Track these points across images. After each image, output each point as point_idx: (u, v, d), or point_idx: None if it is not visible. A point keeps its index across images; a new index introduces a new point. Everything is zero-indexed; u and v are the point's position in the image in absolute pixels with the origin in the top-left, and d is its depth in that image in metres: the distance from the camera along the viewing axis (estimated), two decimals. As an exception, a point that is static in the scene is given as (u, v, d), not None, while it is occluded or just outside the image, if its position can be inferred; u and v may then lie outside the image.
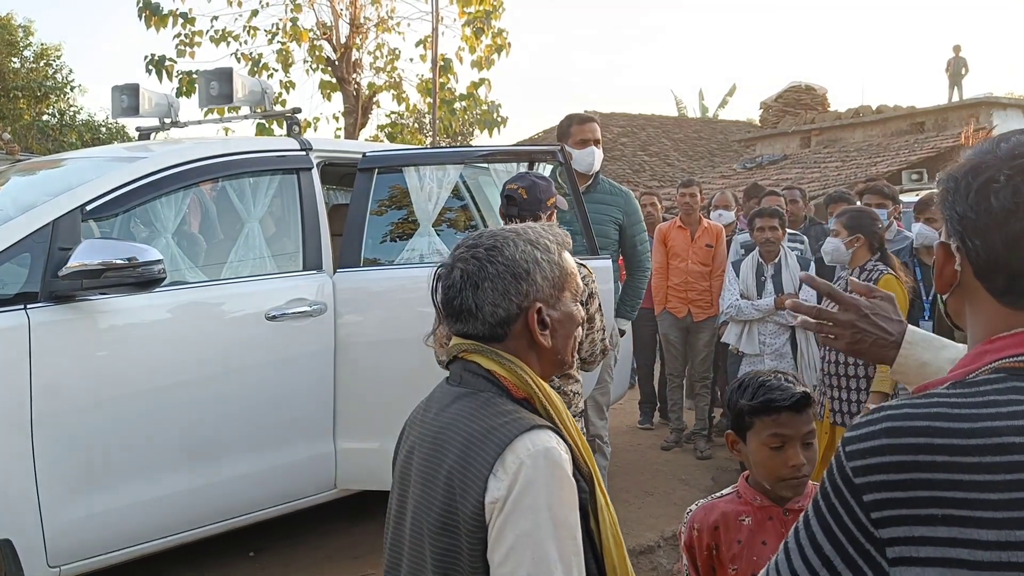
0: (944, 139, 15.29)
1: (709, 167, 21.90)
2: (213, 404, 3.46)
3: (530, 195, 3.05)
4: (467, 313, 1.58)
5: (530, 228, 1.66)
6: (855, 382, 4.04)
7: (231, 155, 3.72)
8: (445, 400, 1.59)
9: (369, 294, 3.92)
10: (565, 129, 4.40)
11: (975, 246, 1.07)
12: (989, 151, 1.09)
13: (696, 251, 6.17)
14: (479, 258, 1.58)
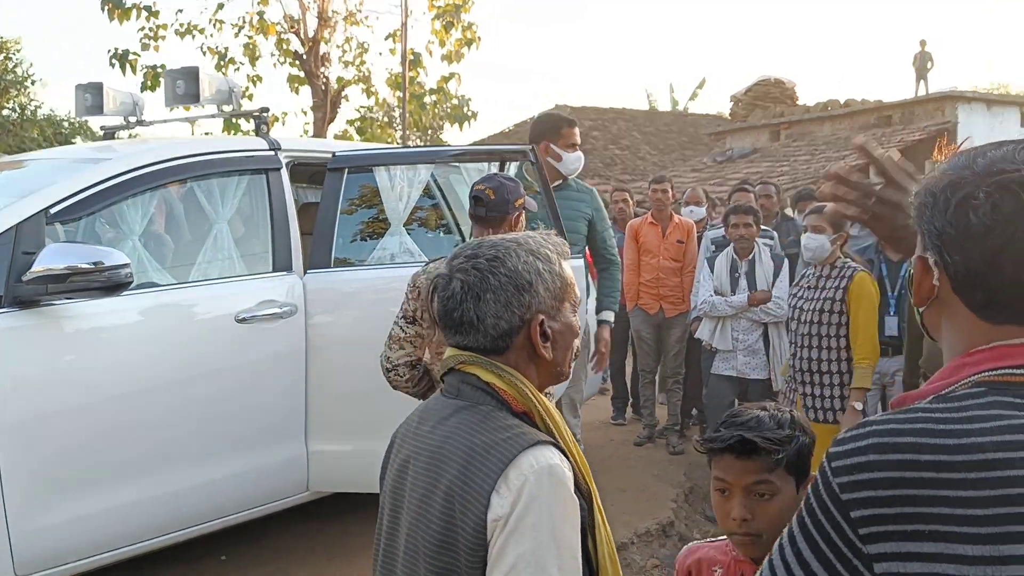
0: (911, 132, 15.49)
1: (680, 160, 22.01)
2: (182, 408, 3.43)
3: (497, 196, 3.05)
4: (468, 325, 1.56)
5: (530, 238, 1.63)
6: (829, 378, 4.08)
7: (198, 156, 3.68)
8: (442, 413, 1.57)
9: (340, 295, 3.90)
10: (555, 129, 4.39)
11: (953, 261, 1.09)
12: (966, 166, 1.10)
13: (667, 247, 6.20)
14: (480, 269, 1.55)
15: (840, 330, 4.07)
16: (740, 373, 5.16)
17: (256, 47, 14.59)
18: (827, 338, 4.07)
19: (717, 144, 21.04)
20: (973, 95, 16.32)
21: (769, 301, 5.07)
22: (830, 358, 4.07)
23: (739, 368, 5.17)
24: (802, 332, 4.12)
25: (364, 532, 4.37)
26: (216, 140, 4.05)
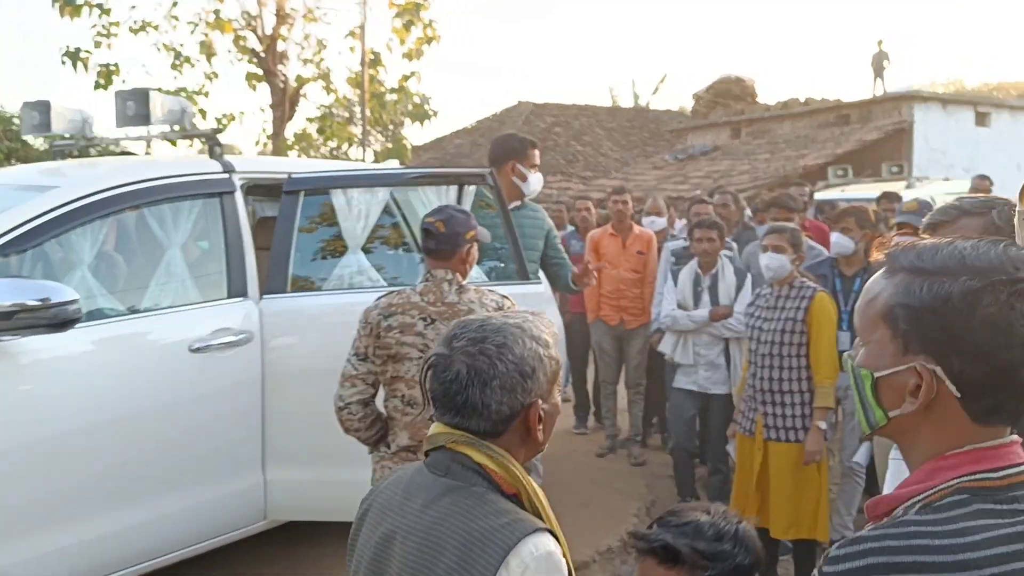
0: (868, 132, 15.71)
1: (642, 156, 22.12)
2: (135, 442, 3.36)
3: (447, 229, 2.99)
4: (471, 409, 1.57)
5: (530, 322, 1.65)
6: (791, 397, 4.10)
7: (150, 181, 3.60)
8: (433, 491, 1.57)
9: (297, 321, 3.85)
10: (521, 151, 4.38)
11: (970, 369, 1.08)
12: (961, 269, 1.10)
13: (628, 258, 6.21)
14: (489, 355, 1.56)
15: (801, 350, 4.09)
16: (701, 388, 5.18)
17: (212, 44, 14.38)
18: (788, 358, 4.09)
19: (679, 141, 21.18)
20: (929, 95, 16.60)
21: (730, 316, 5.09)
22: (791, 378, 4.09)
23: (700, 383, 5.18)
24: (762, 352, 4.13)
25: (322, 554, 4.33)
26: (168, 163, 3.95)
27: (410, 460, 2.98)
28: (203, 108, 14.72)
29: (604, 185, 19.18)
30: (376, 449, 3.12)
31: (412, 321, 2.94)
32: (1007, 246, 1.12)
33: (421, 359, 2.90)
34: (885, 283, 1.18)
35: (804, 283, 4.19)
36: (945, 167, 15.61)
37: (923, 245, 1.16)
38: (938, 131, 15.90)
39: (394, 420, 3.04)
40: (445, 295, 2.96)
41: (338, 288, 3.94)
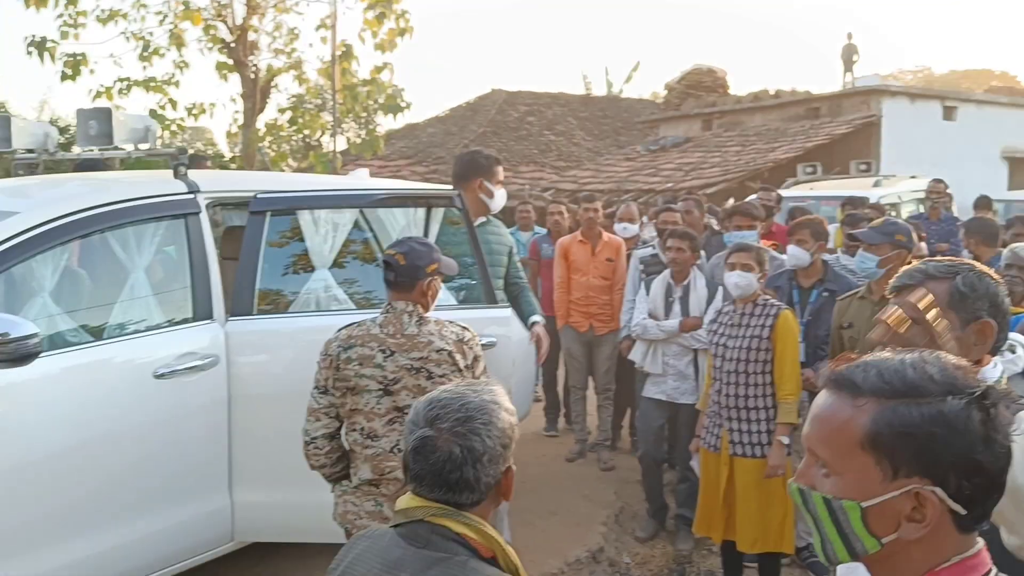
0: (838, 126, 15.80)
1: (615, 147, 22.11)
2: (99, 471, 3.33)
3: (407, 261, 2.97)
4: (463, 485, 1.66)
5: (496, 393, 1.76)
6: (756, 413, 4.13)
7: (113, 204, 3.54)
8: (416, 565, 1.61)
9: (263, 343, 3.82)
10: (487, 168, 4.38)
11: (971, 485, 1.10)
12: (936, 391, 1.12)
13: (597, 265, 6.22)
14: (479, 434, 1.67)
15: (766, 367, 4.13)
16: (670, 397, 5.19)
17: (182, 34, 14.14)
18: (754, 375, 4.13)
19: (651, 132, 21.18)
20: (897, 89, 16.71)
21: (701, 327, 5.11)
22: (756, 394, 4.13)
23: (669, 392, 5.19)
24: (728, 369, 4.16)
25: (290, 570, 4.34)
26: (132, 182, 3.89)
27: (372, 494, 2.98)
28: (173, 98, 14.52)
29: (577, 176, 19.18)
30: (339, 483, 3.10)
31: (371, 353, 2.93)
32: (937, 357, 1.16)
33: (380, 391, 2.91)
34: (852, 409, 1.15)
35: (768, 300, 4.23)
36: (913, 160, 15.74)
37: (879, 365, 1.16)
38: (906, 125, 16.02)
39: (355, 453, 3.02)
40: (405, 327, 2.96)
41: (305, 309, 3.92)
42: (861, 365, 1.18)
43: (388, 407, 2.94)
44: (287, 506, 3.84)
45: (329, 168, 13.45)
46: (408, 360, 2.92)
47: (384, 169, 19.79)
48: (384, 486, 2.97)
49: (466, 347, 2.99)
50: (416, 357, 2.92)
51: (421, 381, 2.91)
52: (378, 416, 2.94)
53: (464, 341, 3.00)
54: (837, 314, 4.23)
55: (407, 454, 1.70)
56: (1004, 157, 17.39)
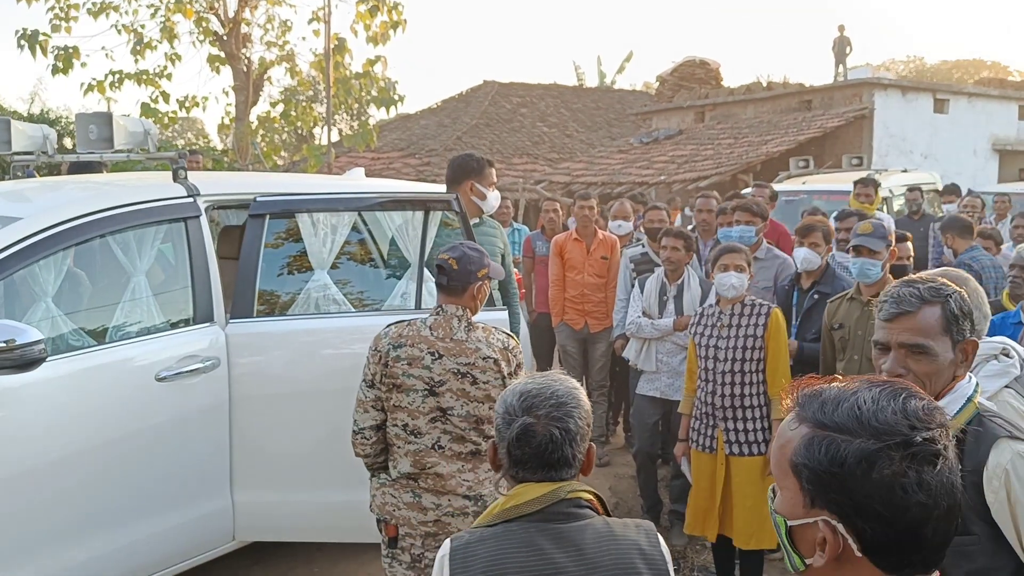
0: (830, 119, 15.87)
1: (608, 139, 22.15)
2: (103, 474, 3.37)
3: (460, 266, 3.06)
4: (564, 463, 1.88)
5: (569, 379, 1.99)
6: (752, 412, 4.17)
7: (114, 209, 3.57)
8: (586, 537, 1.82)
9: (263, 345, 3.86)
10: (478, 170, 4.40)
11: (872, 529, 1.11)
12: (858, 430, 1.12)
13: (592, 263, 6.27)
14: (574, 416, 1.90)
15: (760, 365, 4.17)
16: (664, 395, 5.23)
17: (173, 27, 14.11)
18: (749, 374, 4.17)
19: (643, 124, 21.22)
20: (889, 82, 16.78)
21: (694, 326, 5.16)
22: (752, 392, 4.17)
23: (663, 390, 5.23)
24: (722, 370, 4.19)
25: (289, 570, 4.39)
26: (133, 186, 3.91)
27: (410, 487, 3.07)
28: (165, 91, 14.50)
29: (570, 168, 19.21)
30: (377, 475, 3.19)
31: (420, 355, 3.02)
32: (907, 398, 1.15)
33: (426, 391, 2.99)
34: (793, 433, 1.20)
35: (755, 300, 4.29)
36: (904, 153, 15.85)
37: (828, 395, 1.18)
38: (898, 117, 16.11)
39: (395, 447, 3.11)
40: (454, 331, 3.04)
41: (304, 311, 3.96)
42: (818, 391, 1.20)
43: (432, 406, 3.02)
44: (287, 506, 3.89)
45: (322, 161, 13.44)
46: (455, 364, 3.00)
47: (377, 161, 19.78)
48: (423, 480, 3.06)
49: (511, 355, 3.08)
50: (463, 362, 3.01)
51: (466, 385, 3.01)
52: (422, 414, 3.03)
53: (509, 349, 3.09)
54: (827, 315, 4.28)
55: (510, 442, 1.88)
56: (994, 149, 17.50)
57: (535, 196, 16.18)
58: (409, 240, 4.09)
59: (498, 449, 1.96)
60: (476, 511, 3.05)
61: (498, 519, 1.86)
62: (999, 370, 2.50)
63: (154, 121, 14.38)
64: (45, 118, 18.32)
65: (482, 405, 3.01)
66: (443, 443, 3.03)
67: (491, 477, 3.09)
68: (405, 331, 3.06)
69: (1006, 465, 1.77)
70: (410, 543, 3.09)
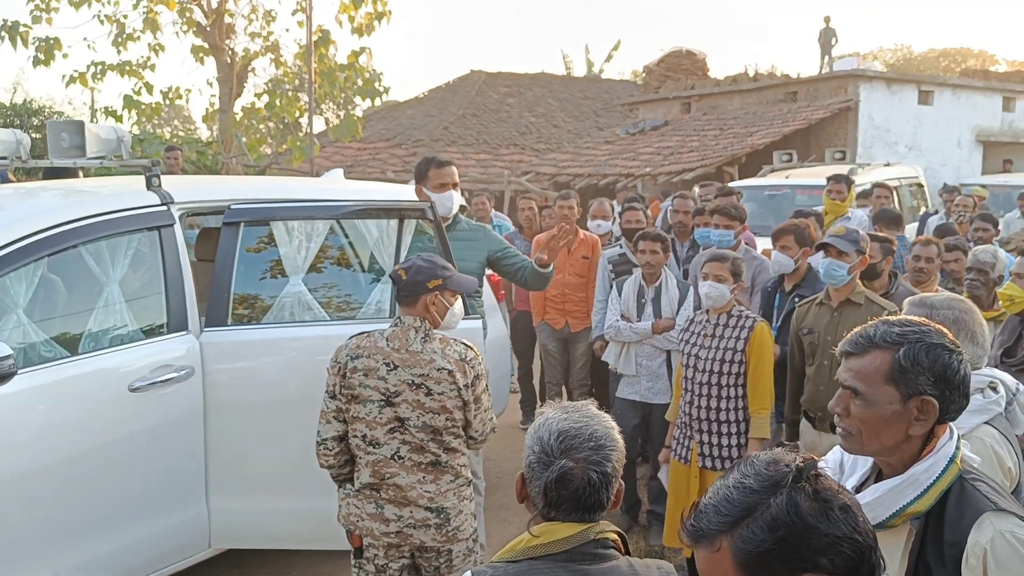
0: (815, 110, 15.88)
1: (595, 128, 22.13)
2: (77, 485, 3.37)
3: (408, 277, 3.10)
4: (597, 506, 1.86)
5: (604, 416, 1.94)
6: (727, 427, 4.13)
7: (87, 219, 3.56)
8: None
9: (238, 354, 3.86)
10: (423, 172, 4.35)
11: (839, 557, 1.22)
12: (764, 484, 1.25)
13: (573, 263, 6.27)
14: (610, 459, 1.86)
15: (739, 379, 4.14)
16: (643, 397, 5.22)
17: (156, 18, 14.00)
18: (727, 387, 4.14)
19: (630, 114, 21.20)
20: (874, 74, 16.78)
21: (672, 329, 5.16)
22: (728, 407, 4.15)
23: (642, 393, 5.23)
24: (700, 381, 4.17)
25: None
26: (106, 195, 3.88)
27: (373, 498, 3.09)
28: (148, 82, 14.41)
29: (557, 159, 19.18)
30: (342, 486, 3.21)
31: (376, 365, 3.04)
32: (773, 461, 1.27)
33: (382, 402, 3.01)
34: (717, 556, 1.27)
35: (743, 312, 4.23)
36: (889, 144, 15.89)
37: (715, 500, 1.28)
38: (882, 109, 16.14)
39: (356, 457, 3.13)
40: (410, 343, 3.06)
41: (279, 319, 3.95)
42: (700, 508, 1.28)
43: (389, 417, 3.04)
44: (263, 513, 3.90)
45: (307, 154, 13.39)
46: (410, 375, 3.02)
47: (363, 152, 19.72)
48: (384, 491, 3.07)
49: (467, 366, 3.09)
50: (417, 373, 3.02)
51: (420, 396, 3.02)
52: (380, 425, 3.05)
53: (466, 360, 3.09)
54: (796, 319, 4.26)
55: (548, 484, 1.83)
56: (978, 141, 17.56)
57: (521, 188, 16.17)
58: (384, 248, 4.09)
59: (527, 485, 1.92)
60: (438, 523, 3.07)
61: (522, 556, 1.84)
62: (980, 406, 2.44)
63: (138, 113, 14.37)
64: (27, 108, 18.19)
65: (438, 416, 3.03)
66: (402, 453, 3.05)
67: (453, 488, 3.11)
68: (363, 343, 3.09)
69: (985, 545, 1.69)
70: (373, 554, 3.11)
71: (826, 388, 3.99)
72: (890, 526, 1.80)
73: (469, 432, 3.17)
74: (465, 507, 3.16)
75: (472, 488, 3.28)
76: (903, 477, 1.80)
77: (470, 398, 3.08)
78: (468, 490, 3.20)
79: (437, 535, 3.08)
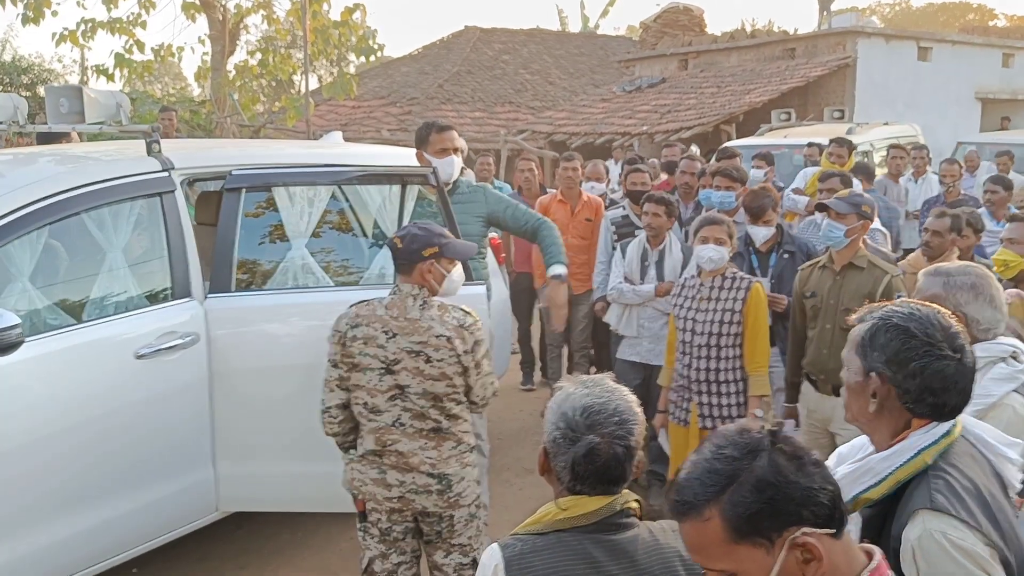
0: (813, 68, 15.76)
1: (591, 86, 21.95)
2: (86, 451, 3.39)
3: (404, 245, 3.10)
4: (621, 478, 1.89)
5: (623, 389, 1.97)
6: (727, 386, 4.18)
7: (88, 186, 3.53)
8: (639, 547, 1.87)
9: (242, 320, 3.86)
10: (424, 137, 4.32)
11: (819, 510, 1.35)
12: (742, 450, 1.36)
13: (576, 225, 6.25)
14: (633, 433, 1.90)
15: (737, 340, 4.19)
16: (644, 359, 5.26)
17: (146, -25, 13.77)
18: (726, 348, 4.18)
19: (627, 71, 21.03)
20: (873, 30, 16.62)
21: (675, 292, 5.17)
22: (727, 367, 4.20)
23: (643, 355, 5.27)
24: (698, 343, 4.21)
25: (273, 536, 4.45)
26: (107, 161, 3.85)
27: (376, 463, 3.12)
28: (139, 39, 14.22)
29: (553, 117, 19.06)
30: (347, 452, 3.25)
31: (375, 334, 3.05)
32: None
33: (382, 370, 3.03)
34: (705, 524, 1.35)
35: (737, 273, 4.27)
36: (887, 102, 15.79)
37: (697, 472, 1.37)
38: (881, 66, 16.01)
39: (360, 424, 3.17)
40: (408, 310, 3.07)
41: (283, 285, 3.95)
42: (682, 482, 1.37)
43: (390, 384, 3.06)
44: (268, 477, 3.93)
45: (302, 113, 13.28)
46: (408, 343, 3.04)
47: (357, 110, 19.56)
48: (386, 457, 3.10)
49: (466, 332, 3.10)
50: (416, 341, 3.04)
51: (420, 364, 3.04)
52: (380, 392, 3.07)
53: (465, 326, 3.10)
54: (799, 283, 4.28)
55: (575, 459, 1.85)
56: (977, 98, 17.48)
57: (517, 147, 16.08)
58: (387, 213, 4.07)
59: (551, 460, 1.94)
60: (440, 489, 3.10)
61: (550, 528, 1.87)
62: (1007, 374, 2.46)
63: (129, 71, 14.19)
64: (16, 66, 17.96)
65: (438, 383, 3.05)
66: (403, 420, 3.07)
67: (455, 455, 3.14)
68: (363, 311, 3.10)
69: (913, 543, 1.69)
70: (376, 518, 3.15)
71: (828, 351, 4.02)
72: (848, 512, 1.85)
73: (471, 397, 3.19)
74: (468, 473, 3.18)
75: (476, 453, 3.31)
76: (860, 464, 1.83)
77: (470, 364, 3.10)
78: (471, 456, 3.22)
79: (439, 501, 3.11)
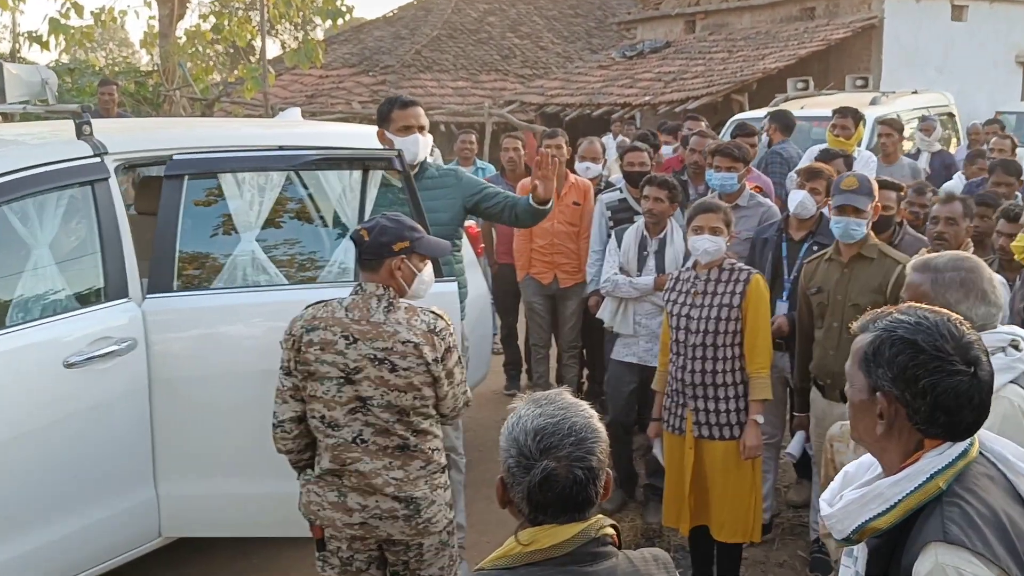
0: (835, 29, 15.76)
1: (587, 51, 21.93)
2: (8, 472, 3.40)
3: (372, 238, 3.08)
4: (587, 503, 1.88)
5: (579, 402, 1.95)
6: (724, 391, 4.15)
7: (8, 174, 3.52)
8: None
9: (185, 322, 3.87)
10: (385, 114, 4.30)
11: None
12: None
13: (562, 210, 6.20)
14: (594, 452, 1.87)
15: (736, 338, 4.14)
16: (641, 360, 5.20)
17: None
18: (723, 348, 4.14)
19: (627, 34, 21.02)
20: (901, -11, 16.61)
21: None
22: (725, 369, 4.16)
23: (640, 355, 5.22)
24: (693, 343, 4.16)
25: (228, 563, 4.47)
26: (30, 146, 3.85)
27: (335, 485, 3.11)
28: (77, 2, 14.14)
29: (545, 87, 19.04)
30: (303, 472, 3.24)
31: (334, 338, 3.03)
32: None
33: (341, 379, 3.01)
34: None
35: (735, 265, 4.23)
36: (917, 67, 15.78)
37: None
38: (910, 28, 16.00)
39: (317, 441, 3.15)
40: (372, 313, 3.05)
41: (231, 283, 3.96)
42: None
43: (349, 396, 3.04)
44: (217, 498, 3.94)
45: (261, 84, 13.23)
46: (371, 349, 3.01)
47: (325, 80, 19.50)
48: (346, 477, 3.09)
49: (436, 337, 3.08)
50: (380, 347, 3.01)
51: (384, 373, 3.02)
52: (339, 405, 3.06)
53: (435, 331, 3.08)
54: (804, 277, 4.25)
55: (530, 488, 1.84)
56: (1019, 62, 17.48)
57: (504, 121, 16.06)
58: (347, 202, 4.08)
59: (508, 489, 1.92)
60: (407, 514, 3.09)
61: (519, 562, 1.86)
62: (1004, 364, 2.51)
63: (66, 39, 14.12)
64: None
65: (404, 394, 3.03)
66: (365, 436, 3.06)
67: (424, 476, 3.13)
68: (320, 312, 3.07)
69: None
70: (336, 546, 3.14)
71: (836, 353, 4.03)
72: (855, 541, 1.87)
73: (440, 409, 3.18)
74: (438, 496, 3.17)
75: (447, 476, 3.29)
76: (868, 489, 1.84)
77: (440, 373, 3.08)
78: (442, 478, 3.21)
79: (406, 527, 3.10)
